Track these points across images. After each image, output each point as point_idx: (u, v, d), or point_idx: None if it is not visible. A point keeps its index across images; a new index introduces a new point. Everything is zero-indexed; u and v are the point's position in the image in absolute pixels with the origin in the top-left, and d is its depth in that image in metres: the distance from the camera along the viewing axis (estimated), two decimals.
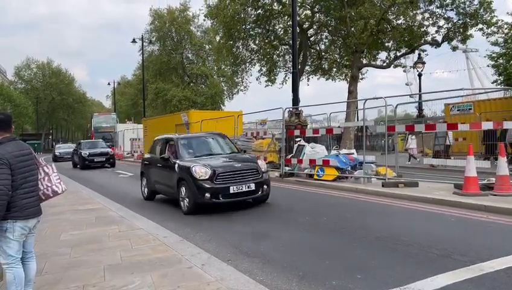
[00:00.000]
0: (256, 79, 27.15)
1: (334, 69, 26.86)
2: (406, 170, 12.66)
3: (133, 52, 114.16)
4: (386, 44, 22.56)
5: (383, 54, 23.94)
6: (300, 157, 11.74)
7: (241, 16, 23.28)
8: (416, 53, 22.24)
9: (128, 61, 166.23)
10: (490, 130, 12.92)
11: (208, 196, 7.08)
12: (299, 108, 13.77)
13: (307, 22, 24.80)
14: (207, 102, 41.46)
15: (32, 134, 64.65)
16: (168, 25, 42.71)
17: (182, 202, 7.60)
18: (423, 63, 22.12)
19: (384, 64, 23.48)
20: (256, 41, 25.49)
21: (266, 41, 24.97)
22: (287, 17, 22.99)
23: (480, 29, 19.46)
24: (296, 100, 13.79)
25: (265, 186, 7.72)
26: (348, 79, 23.52)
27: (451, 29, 20.38)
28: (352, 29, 20.28)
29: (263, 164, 8.25)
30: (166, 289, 3.59)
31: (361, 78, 25.64)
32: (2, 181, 2.87)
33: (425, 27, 20.95)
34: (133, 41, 35.22)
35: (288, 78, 25.59)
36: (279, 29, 25.05)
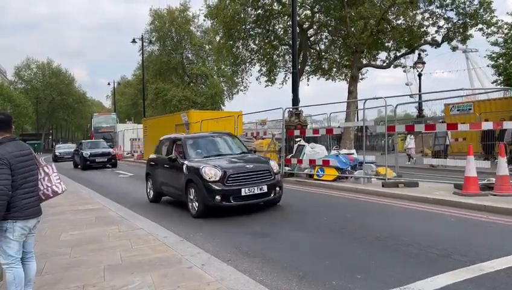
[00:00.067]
0: (256, 79, 27.20)
1: (334, 69, 26.89)
2: (405, 170, 12.67)
3: (133, 52, 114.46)
4: (386, 44, 22.57)
5: (383, 54, 24.01)
6: (300, 158, 11.75)
7: (241, 16, 23.30)
8: (416, 53, 22.26)
9: (128, 61, 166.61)
10: (488, 130, 12.93)
11: (219, 198, 6.77)
12: (299, 108, 13.77)
13: (306, 22, 24.81)
14: (207, 102, 41.48)
15: (32, 134, 64.72)
16: (168, 25, 42.75)
17: (190, 204, 7.27)
18: (423, 63, 22.13)
19: (384, 64, 23.50)
20: (256, 42, 25.52)
21: (266, 41, 24.98)
22: (287, 17, 23.01)
23: (480, 29, 19.48)
24: (296, 100, 13.78)
25: (277, 188, 7.44)
26: (348, 79, 23.53)
27: (451, 29, 20.39)
28: (352, 29, 20.29)
29: (275, 165, 7.93)
30: (166, 289, 3.59)
31: (361, 78, 25.69)
32: (2, 181, 2.87)
33: (425, 27, 20.98)
34: (133, 41, 35.23)
35: (288, 78, 25.64)
36: (279, 29, 25.08)
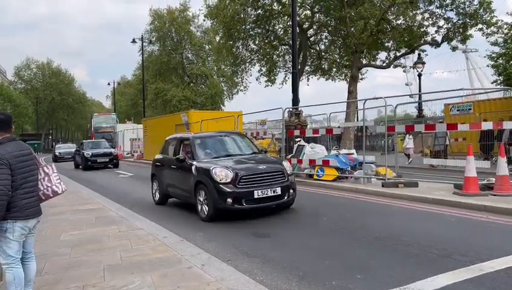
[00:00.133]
0: (256, 79, 27.19)
1: (334, 69, 26.89)
2: (405, 170, 12.67)
3: (133, 52, 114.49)
4: (386, 44, 22.57)
5: (382, 54, 24.00)
6: (300, 158, 11.74)
7: (241, 16, 23.30)
8: (416, 53, 22.26)
9: (128, 62, 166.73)
10: (487, 130, 12.91)
11: (230, 201, 6.44)
12: (299, 108, 13.77)
13: (306, 22, 24.82)
14: (207, 102, 41.48)
15: (32, 134, 64.72)
16: (168, 25, 42.74)
17: (200, 207, 6.98)
18: (423, 63, 22.13)
19: (384, 64, 23.50)
20: (256, 42, 25.51)
21: (266, 41, 24.98)
22: (286, 17, 23.01)
23: (480, 29, 19.47)
24: (295, 100, 13.79)
25: (291, 191, 7.09)
26: (348, 79, 23.52)
27: (451, 29, 20.38)
28: (352, 29, 20.29)
29: (288, 166, 7.64)
30: (166, 289, 3.59)
31: (361, 78, 25.69)
32: (2, 181, 2.87)
33: (425, 27, 20.97)
34: (133, 41, 35.23)
35: (288, 78, 25.64)
36: (279, 30, 25.08)
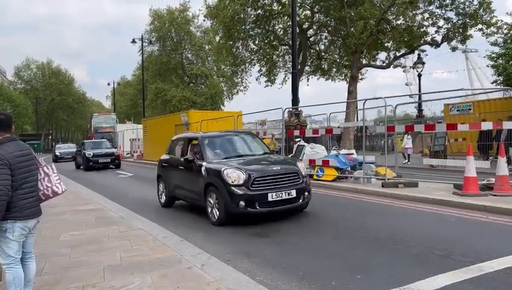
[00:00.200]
0: (256, 79, 27.23)
1: (334, 69, 26.93)
2: (405, 170, 12.68)
3: (133, 52, 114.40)
4: (386, 44, 22.59)
5: (382, 54, 24.04)
6: (300, 158, 11.73)
7: (241, 16, 23.32)
8: (416, 53, 22.26)
9: (128, 62, 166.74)
10: (486, 130, 12.87)
11: (243, 204, 6.14)
12: (299, 108, 13.78)
13: (306, 22, 24.84)
14: (207, 102, 41.47)
15: (32, 134, 64.67)
16: (167, 25, 42.72)
17: (210, 211, 6.66)
18: (423, 64, 22.13)
19: (384, 64, 23.52)
20: (256, 42, 25.54)
21: (266, 41, 25.00)
22: (286, 17, 23.04)
23: (480, 29, 19.47)
24: (295, 100, 13.79)
25: (306, 193, 6.76)
26: (348, 79, 23.55)
27: (450, 29, 20.40)
28: (352, 29, 20.29)
29: (303, 167, 7.27)
30: (166, 289, 3.59)
31: (361, 79, 25.74)
32: (2, 181, 2.87)
33: (424, 27, 20.99)
34: (133, 41, 35.23)
35: (287, 78, 25.69)
36: (279, 30, 25.10)
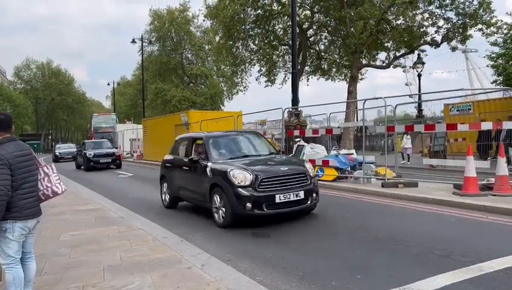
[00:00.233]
0: (256, 79, 27.21)
1: (334, 69, 26.91)
2: (405, 170, 12.68)
3: (133, 52, 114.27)
4: (386, 44, 22.58)
5: (382, 54, 24.03)
6: (300, 158, 11.73)
7: (241, 16, 23.31)
8: (416, 53, 22.26)
9: (128, 62, 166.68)
10: (485, 130, 12.86)
11: (250, 206, 5.98)
12: (299, 108, 13.77)
13: (306, 22, 24.83)
14: (206, 102, 41.48)
15: (32, 134, 64.67)
16: (167, 25, 42.72)
17: (215, 213, 6.50)
18: (422, 64, 22.14)
19: (384, 64, 23.52)
20: (256, 42, 25.53)
21: (266, 41, 25.00)
22: (286, 17, 23.03)
23: (480, 29, 19.46)
24: (295, 100, 13.78)
25: (314, 195, 6.64)
26: (348, 79, 23.54)
27: (450, 29, 20.39)
28: (352, 29, 20.29)
29: (311, 168, 7.14)
30: (166, 289, 3.59)
31: (361, 79, 25.73)
32: (2, 181, 2.87)
33: (424, 27, 20.97)
34: (133, 41, 35.22)
35: (287, 78, 25.68)
36: (279, 30, 25.10)
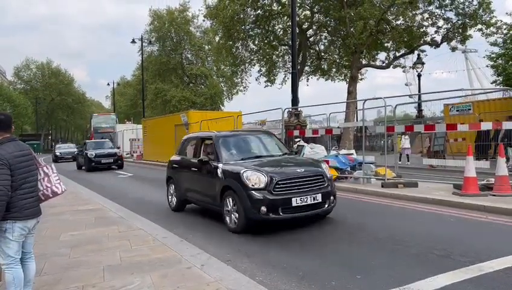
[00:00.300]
0: (256, 79, 27.22)
1: (334, 69, 26.91)
2: (405, 170, 12.68)
3: (133, 52, 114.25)
4: (386, 44, 22.57)
5: (382, 55, 24.02)
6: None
7: (241, 17, 23.32)
8: (416, 53, 22.27)
9: (127, 62, 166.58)
10: (484, 131, 12.86)
11: (265, 209, 5.65)
12: (299, 108, 13.78)
13: (306, 23, 24.83)
14: (206, 102, 41.48)
15: (32, 134, 64.70)
16: (167, 25, 42.71)
17: (227, 217, 6.19)
18: (422, 64, 22.15)
19: (384, 64, 23.51)
20: (256, 42, 25.54)
21: (265, 41, 25.00)
22: (286, 17, 23.02)
23: (480, 29, 19.47)
24: (295, 100, 13.79)
25: (332, 197, 6.25)
26: (348, 79, 23.54)
27: (450, 29, 20.40)
28: (352, 29, 20.29)
29: (328, 169, 6.78)
30: None
31: (361, 79, 25.73)
32: (2, 182, 2.87)
33: (424, 27, 20.97)
34: (133, 41, 35.24)
35: (287, 78, 25.68)
36: (279, 30, 25.10)
